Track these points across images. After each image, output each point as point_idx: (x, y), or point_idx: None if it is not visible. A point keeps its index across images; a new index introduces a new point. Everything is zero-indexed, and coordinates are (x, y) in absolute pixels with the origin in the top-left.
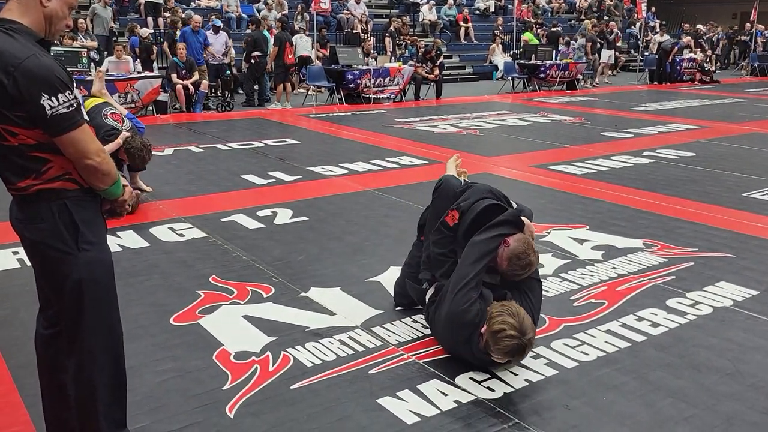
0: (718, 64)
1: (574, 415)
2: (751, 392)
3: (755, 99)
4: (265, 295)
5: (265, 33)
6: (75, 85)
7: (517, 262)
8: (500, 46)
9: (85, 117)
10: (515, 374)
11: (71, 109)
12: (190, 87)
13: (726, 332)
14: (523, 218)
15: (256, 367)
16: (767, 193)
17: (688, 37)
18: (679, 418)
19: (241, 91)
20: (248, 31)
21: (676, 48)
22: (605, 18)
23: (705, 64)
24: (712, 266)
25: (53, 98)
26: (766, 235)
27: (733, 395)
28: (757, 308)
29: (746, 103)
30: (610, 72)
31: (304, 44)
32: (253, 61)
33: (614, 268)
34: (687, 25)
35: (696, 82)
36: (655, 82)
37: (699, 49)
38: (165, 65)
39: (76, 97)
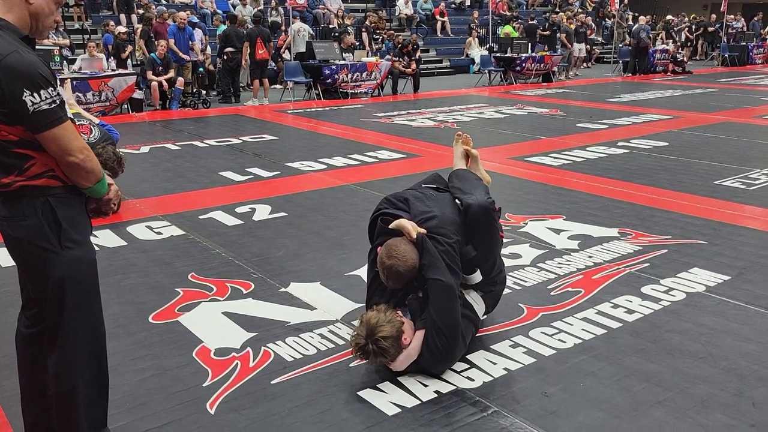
0: (689, 55)
1: (552, 401)
2: (723, 375)
3: (726, 89)
4: (244, 292)
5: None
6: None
7: (382, 269)
8: (476, 39)
9: (69, 114)
10: (494, 363)
11: (53, 105)
12: (164, 83)
13: (699, 317)
14: (399, 221)
15: (237, 363)
16: (738, 181)
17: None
18: (654, 402)
19: (215, 90)
20: (223, 27)
21: (650, 38)
22: (573, 8)
23: (677, 55)
24: (686, 253)
25: (35, 94)
26: (738, 222)
27: (705, 378)
28: (729, 293)
29: (717, 92)
30: (584, 65)
31: (302, 39)
32: (226, 57)
33: (590, 257)
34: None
35: (669, 73)
36: (629, 73)
37: (671, 41)
38: (136, 62)
39: (59, 94)
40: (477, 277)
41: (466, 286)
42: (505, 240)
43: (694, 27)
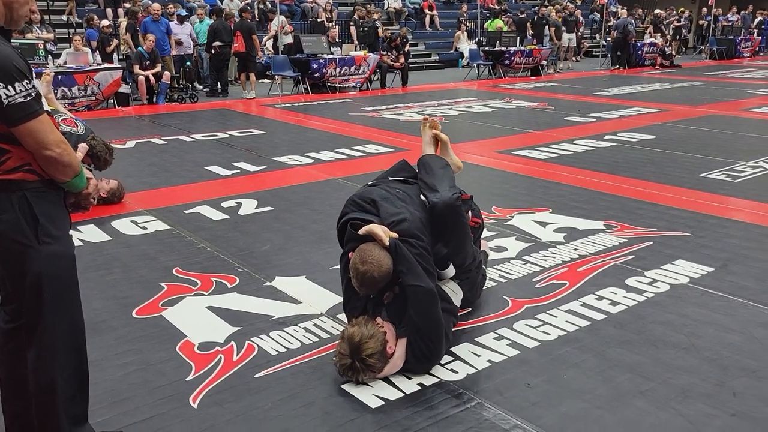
0: (677, 48)
1: (535, 392)
2: (705, 365)
3: (713, 82)
4: (229, 286)
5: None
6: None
7: (356, 275)
8: (465, 33)
9: (46, 107)
10: (478, 355)
11: (29, 98)
12: (151, 78)
13: (682, 308)
14: (369, 227)
15: (221, 357)
16: (724, 174)
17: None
18: (636, 392)
19: (199, 85)
20: (210, 21)
21: (632, 30)
22: (562, 1)
23: (666, 49)
24: (670, 245)
25: (9, 87)
26: (723, 214)
27: (688, 369)
28: (712, 284)
29: (705, 86)
30: (574, 58)
31: (286, 32)
32: (214, 51)
33: (576, 249)
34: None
35: (657, 67)
36: (617, 66)
37: (659, 34)
38: (122, 56)
39: (34, 87)
40: (450, 271)
41: (441, 279)
42: (490, 233)
43: (684, 20)
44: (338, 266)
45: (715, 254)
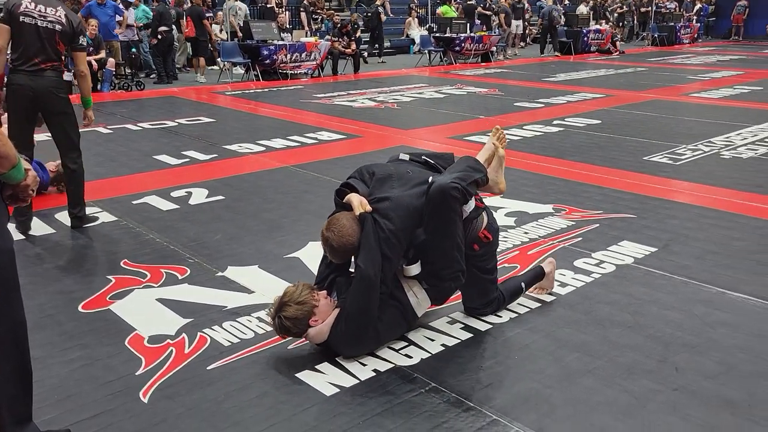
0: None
1: (488, 374)
2: (649, 342)
3: (655, 68)
4: (180, 277)
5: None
6: None
7: (321, 239)
8: (416, 19)
9: None
10: (432, 340)
11: None
12: (94, 64)
13: (627, 288)
14: (350, 196)
15: (171, 350)
16: (666, 157)
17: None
18: (585, 371)
19: (143, 72)
20: (145, 7)
21: (557, 16)
22: None
23: (615, 38)
24: (616, 227)
25: None
26: (665, 196)
27: (633, 346)
28: (656, 264)
29: (647, 71)
30: (521, 44)
31: (239, 18)
32: (160, 36)
33: (526, 233)
34: None
35: (602, 53)
36: (556, 53)
37: (603, 20)
38: None
39: None
40: (414, 269)
41: (408, 278)
42: None
43: (627, 7)
44: (291, 254)
45: (658, 235)
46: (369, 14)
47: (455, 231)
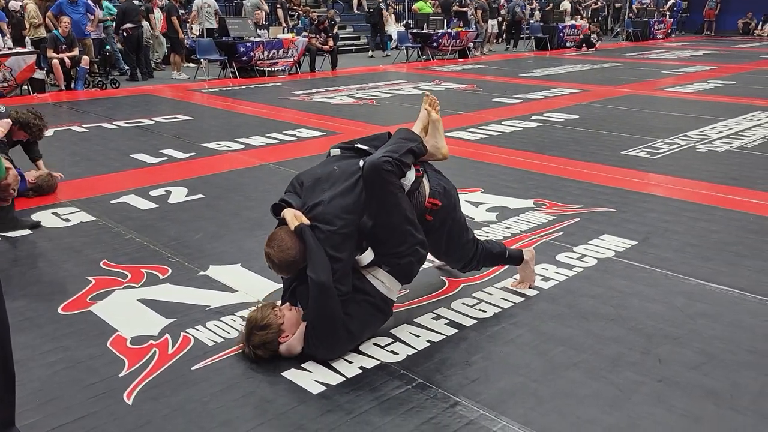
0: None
1: (474, 370)
2: (631, 335)
3: (631, 63)
4: (161, 277)
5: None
6: None
7: (266, 260)
8: (393, 15)
9: None
10: (417, 336)
11: None
12: (67, 61)
13: (609, 281)
14: (284, 212)
15: (155, 351)
16: (643, 150)
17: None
18: (569, 364)
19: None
20: (108, 4)
21: (523, 13)
22: None
23: (592, 35)
24: (596, 221)
25: None
26: (643, 189)
27: (616, 339)
28: (636, 257)
29: (623, 66)
30: (496, 41)
31: (208, 15)
32: (126, 33)
33: (508, 228)
34: None
35: (578, 49)
36: (508, 48)
37: (579, 16)
38: (35, 39)
39: None
40: (367, 257)
41: (368, 267)
42: None
43: (601, 3)
44: None
45: (638, 228)
46: (371, 10)
47: (399, 204)
